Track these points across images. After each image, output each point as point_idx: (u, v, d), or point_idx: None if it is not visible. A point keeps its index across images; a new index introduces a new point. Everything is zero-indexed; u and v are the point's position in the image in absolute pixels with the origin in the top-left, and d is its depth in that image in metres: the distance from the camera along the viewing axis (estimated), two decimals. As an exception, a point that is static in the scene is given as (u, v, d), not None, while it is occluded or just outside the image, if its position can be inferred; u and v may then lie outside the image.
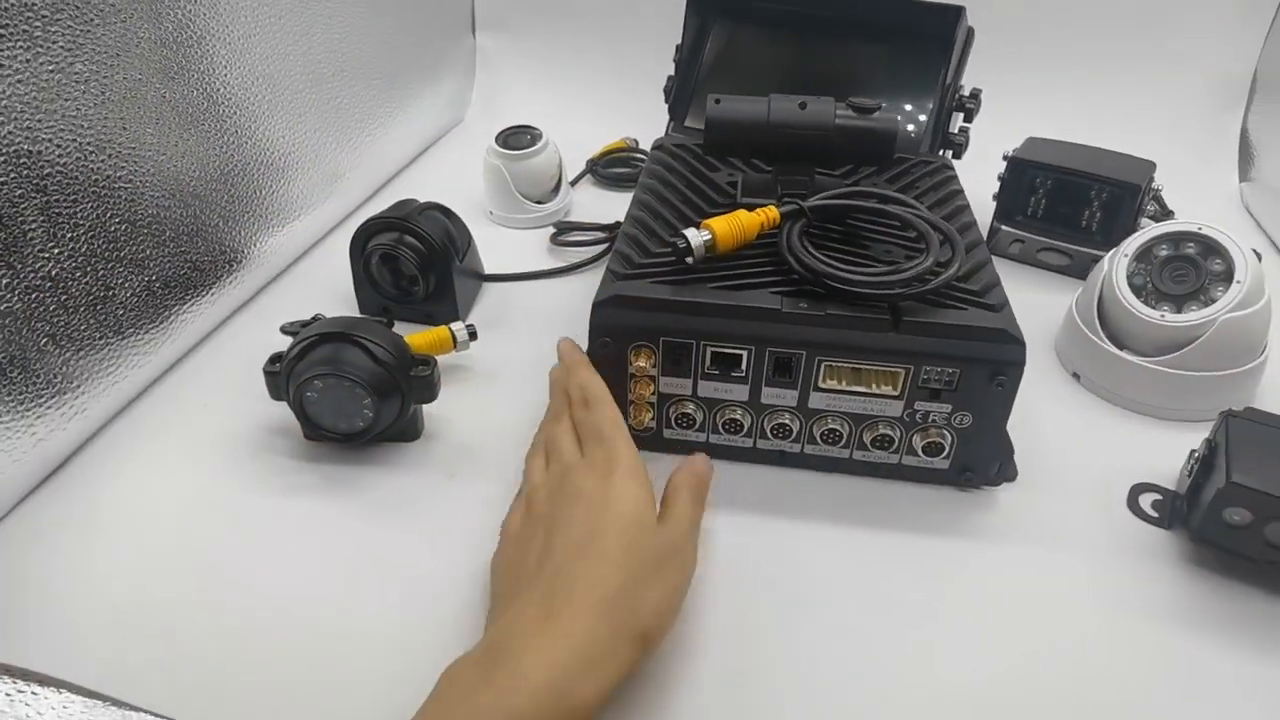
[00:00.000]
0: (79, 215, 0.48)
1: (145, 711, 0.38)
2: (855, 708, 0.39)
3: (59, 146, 0.46)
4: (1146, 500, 0.49)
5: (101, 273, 0.50)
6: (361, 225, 0.60)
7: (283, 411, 0.50)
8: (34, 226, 0.45)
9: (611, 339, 0.47)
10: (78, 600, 0.43)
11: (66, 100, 0.46)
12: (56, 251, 0.47)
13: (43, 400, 0.47)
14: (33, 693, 0.38)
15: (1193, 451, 0.48)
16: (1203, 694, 0.40)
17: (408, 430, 0.52)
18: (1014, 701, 0.39)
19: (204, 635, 0.41)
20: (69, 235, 0.48)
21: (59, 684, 0.39)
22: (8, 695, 0.38)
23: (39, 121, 0.45)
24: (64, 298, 0.48)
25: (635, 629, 0.35)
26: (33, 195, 0.45)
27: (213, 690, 0.39)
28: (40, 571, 0.44)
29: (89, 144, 0.48)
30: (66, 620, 0.42)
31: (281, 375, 0.49)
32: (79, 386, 0.49)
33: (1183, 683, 0.40)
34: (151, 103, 0.53)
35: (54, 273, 0.47)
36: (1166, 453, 0.51)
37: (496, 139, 0.76)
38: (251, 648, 0.41)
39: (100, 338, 0.51)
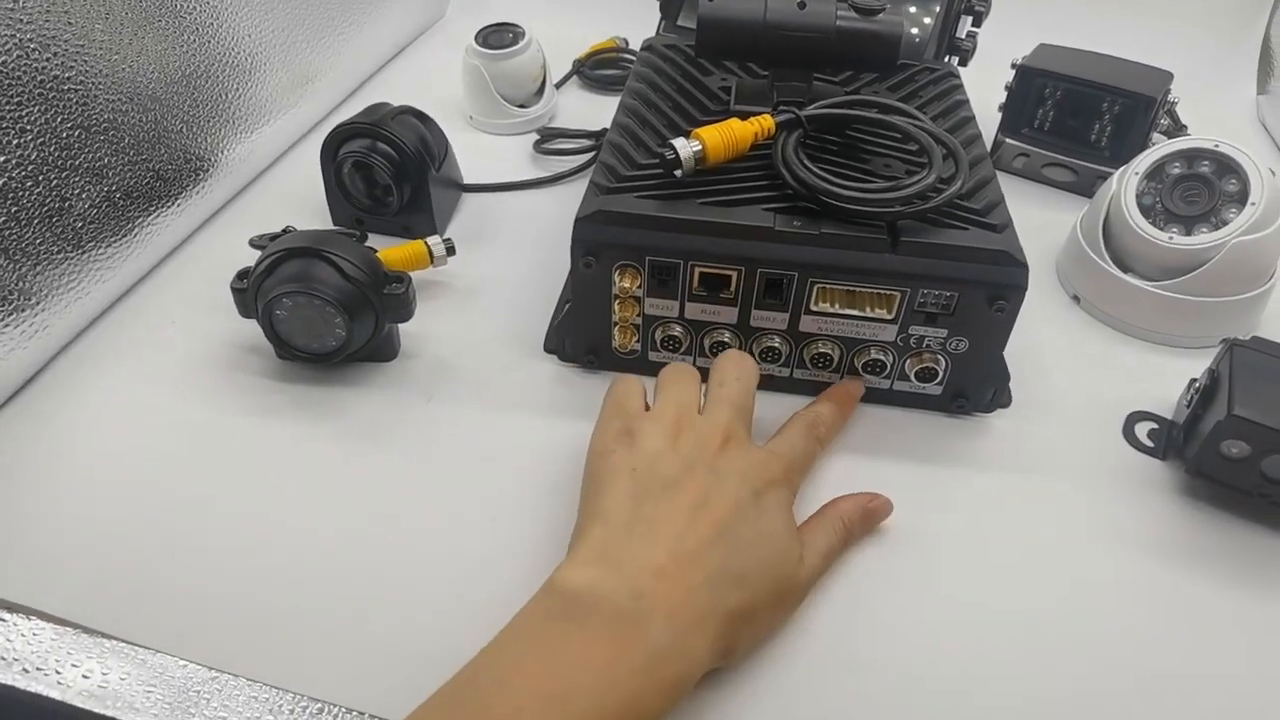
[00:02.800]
0: (25, 120, 0.45)
1: (116, 638, 0.37)
2: (842, 637, 0.38)
3: (-4, 43, 0.43)
4: (1142, 430, 0.48)
5: (55, 182, 0.47)
6: (332, 131, 0.57)
7: (253, 329, 0.48)
8: (-26, 131, 0.42)
9: (595, 257, 0.45)
10: (45, 525, 0.42)
11: (1, -9, 0.43)
12: (2, 160, 0.44)
13: (0, 318, 0.45)
14: (1, 620, 0.38)
15: (1193, 381, 0.46)
16: (1191, 626, 0.39)
17: (383, 350, 0.50)
18: (1002, 630, 0.39)
19: (174, 560, 0.40)
20: (14, 141, 0.45)
21: (27, 610, 0.38)
22: (-24, 621, 0.38)
23: (-29, 15, 0.41)
24: (14, 209, 0.45)
25: (729, 649, 0.35)
26: (-31, 97, 0.42)
27: (184, 615, 0.38)
28: (5, 495, 0.43)
29: (30, 40, 0.45)
30: (34, 546, 0.41)
31: (249, 292, 0.47)
32: (38, 303, 0.47)
33: (1172, 615, 0.40)
34: (99, -5, 0.49)
35: (1, 182, 0.44)
36: (1165, 380, 0.50)
37: (476, 38, 0.72)
38: (223, 572, 0.40)
39: (58, 251, 0.48)
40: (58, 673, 0.36)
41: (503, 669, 0.31)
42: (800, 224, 0.43)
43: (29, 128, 0.45)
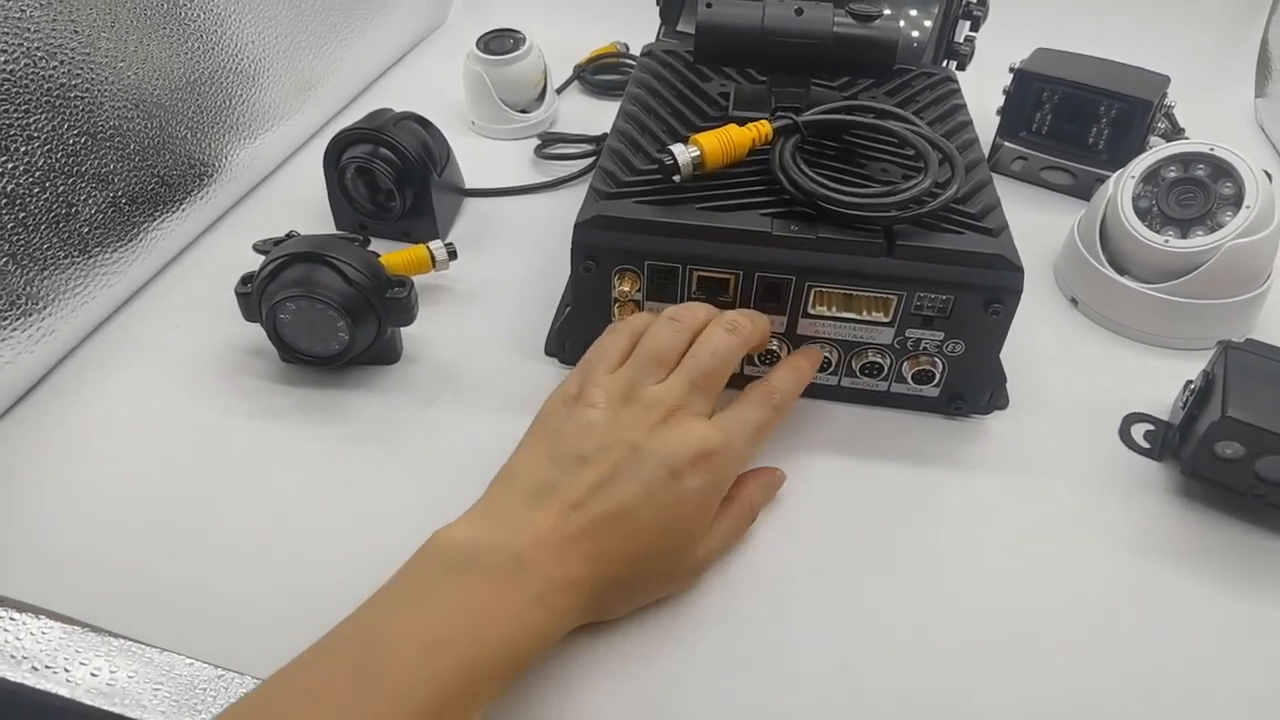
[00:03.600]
0: (32, 127, 0.46)
1: (123, 637, 0.38)
2: (838, 639, 0.39)
3: (4, 51, 0.44)
4: (1139, 431, 0.49)
5: (62, 188, 0.48)
6: (335, 137, 0.58)
7: (258, 333, 0.49)
8: (-17, 139, 0.43)
9: (594, 261, 0.45)
10: (52, 526, 0.42)
11: (8, 1, 0.43)
12: (10, 166, 0.45)
13: (7, 322, 0.45)
14: (10, 619, 0.38)
15: (1188, 382, 0.47)
16: (1187, 626, 0.40)
17: (386, 353, 0.51)
18: (998, 632, 0.39)
19: (180, 560, 0.41)
20: (23, 149, 0.45)
21: (36, 610, 0.39)
22: (-15, 621, 0.38)
23: (-20, 24, 0.42)
24: (22, 215, 0.46)
25: (603, 612, 0.37)
26: (-21, 105, 0.43)
27: (190, 615, 0.39)
28: (13, 497, 0.43)
29: (38, 49, 0.45)
30: (42, 546, 0.41)
31: (253, 296, 0.47)
32: (45, 308, 0.48)
33: (1167, 614, 0.40)
34: (105, 4, 0.50)
35: (9, 188, 0.45)
36: (1161, 382, 0.50)
37: (477, 43, 0.72)
38: (228, 572, 0.40)
39: (65, 256, 0.49)
40: (66, 671, 0.36)
41: (384, 616, 0.32)
42: (797, 228, 0.44)
43: (36, 135, 0.46)
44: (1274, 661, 0.38)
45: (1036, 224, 0.61)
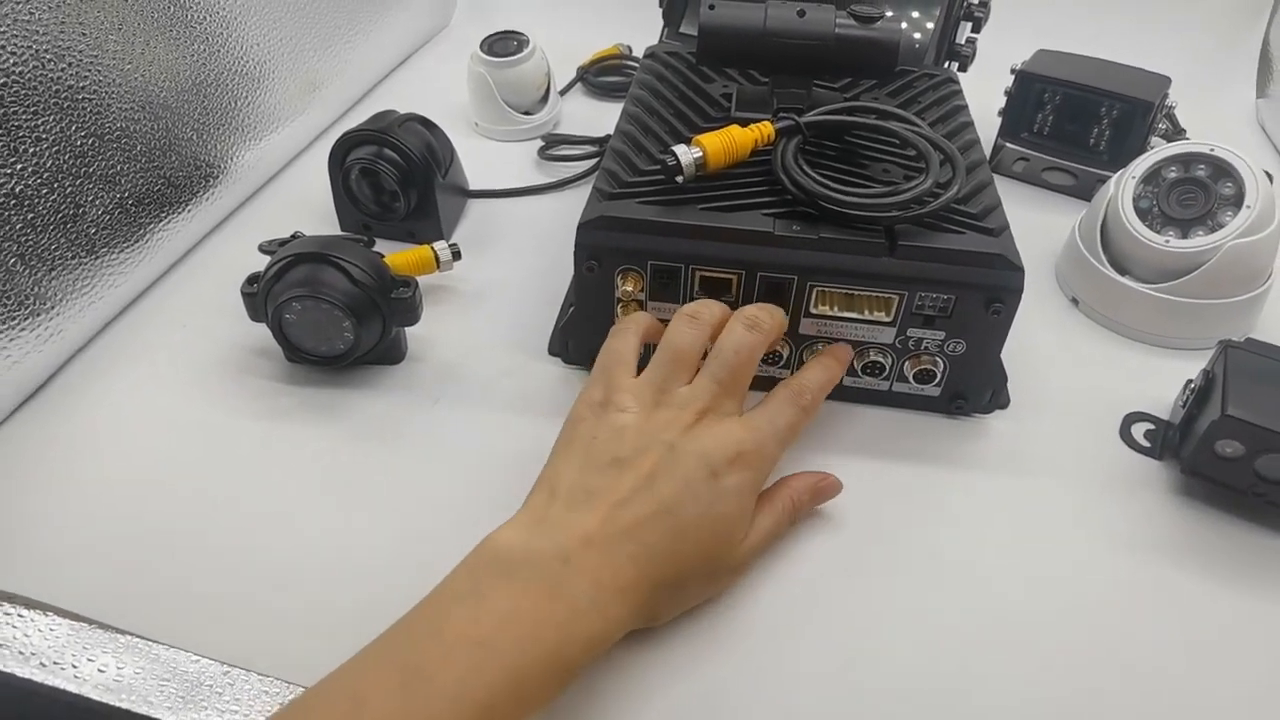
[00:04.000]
0: (41, 128, 0.46)
1: (130, 634, 0.38)
2: (840, 638, 0.39)
3: (13, 54, 0.44)
4: (1139, 430, 0.49)
5: (70, 189, 0.48)
6: (339, 138, 0.58)
7: (263, 333, 0.49)
8: (-8, 140, 0.43)
9: (597, 262, 0.46)
10: (60, 524, 0.43)
11: (17, 2, 0.44)
12: (19, 167, 0.45)
13: (15, 322, 0.46)
14: (19, 615, 0.39)
15: (1188, 382, 0.47)
16: (1186, 625, 0.40)
17: (391, 353, 0.51)
18: (998, 632, 0.39)
19: (186, 558, 0.41)
20: (31, 150, 0.46)
21: (45, 607, 0.39)
22: (-6, 617, 0.39)
23: (-11, 27, 0.42)
24: (30, 216, 0.46)
25: (653, 616, 0.37)
26: (-12, 107, 0.43)
27: (196, 612, 0.39)
28: (22, 495, 0.44)
29: (46, 51, 0.46)
30: (50, 544, 0.42)
31: (259, 296, 0.48)
32: (53, 308, 0.48)
33: (1167, 613, 0.40)
34: (113, 6, 0.50)
35: (18, 189, 0.45)
36: (1162, 381, 0.50)
37: (481, 45, 0.72)
38: (233, 570, 0.41)
39: (73, 257, 0.49)
40: (74, 667, 0.37)
41: (434, 619, 0.32)
42: (799, 228, 0.44)
43: (45, 136, 0.46)
44: (1275, 659, 0.39)
45: (1038, 224, 0.62)
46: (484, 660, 0.30)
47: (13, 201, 0.45)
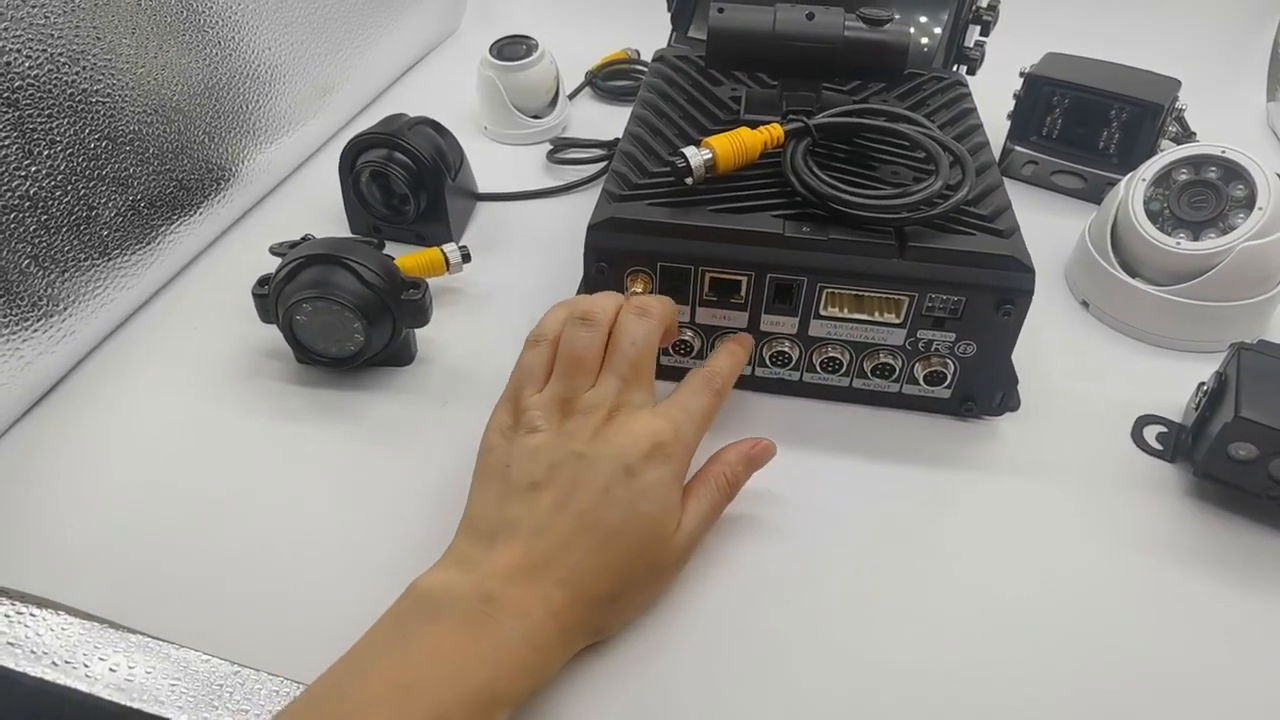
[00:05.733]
0: (55, 131, 0.46)
1: (141, 633, 0.38)
2: (850, 639, 0.39)
3: (29, 57, 0.44)
4: (1151, 433, 0.49)
5: (83, 192, 0.49)
6: (350, 141, 0.58)
7: (274, 334, 0.49)
8: (7, 143, 0.44)
9: (607, 263, 0.46)
10: (71, 523, 0.43)
11: (33, 6, 0.44)
12: (34, 170, 0.45)
13: (28, 323, 0.46)
14: (31, 614, 0.39)
15: (1201, 384, 0.47)
16: (1198, 628, 0.40)
17: (400, 354, 0.51)
18: (1010, 634, 0.39)
19: (197, 559, 0.41)
20: (46, 152, 0.46)
21: (56, 606, 0.39)
22: (6, 617, 0.39)
23: (5, 30, 0.43)
24: (44, 218, 0.46)
25: (602, 626, 0.37)
26: (4, 110, 0.43)
27: (207, 611, 0.39)
28: (34, 495, 0.44)
29: (61, 55, 0.46)
30: (61, 544, 0.42)
31: (270, 298, 0.48)
32: (65, 309, 0.48)
33: (1179, 617, 0.40)
34: (126, 11, 0.51)
35: (32, 192, 0.45)
36: (1173, 384, 0.50)
37: (490, 49, 0.73)
38: (244, 570, 0.41)
39: (85, 259, 0.49)
40: (85, 666, 0.37)
41: (360, 667, 0.32)
42: (809, 230, 0.44)
43: (59, 139, 0.47)
44: (1288, 663, 0.38)
45: (1047, 227, 0.61)
46: (408, 703, 0.30)
47: (27, 203, 0.45)
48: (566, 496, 0.36)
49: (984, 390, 0.48)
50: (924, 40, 0.66)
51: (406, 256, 0.54)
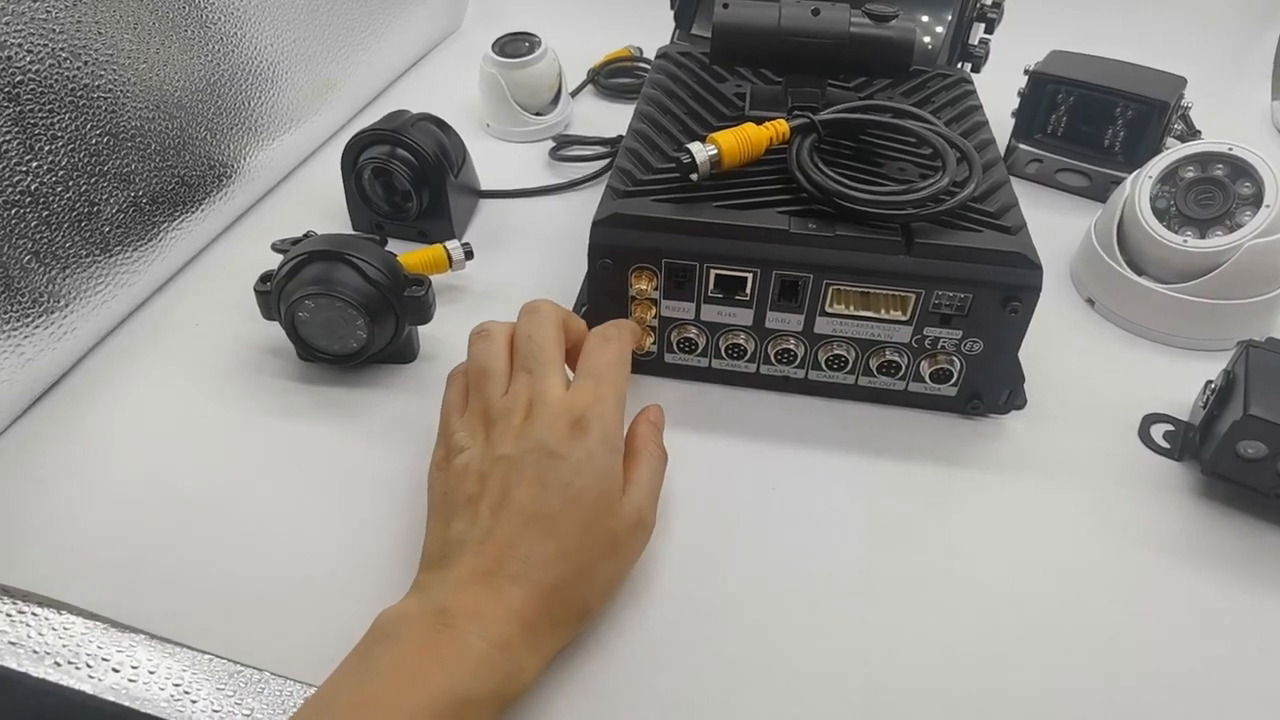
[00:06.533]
0: (56, 127, 0.46)
1: (145, 633, 0.38)
2: (856, 638, 0.39)
3: (30, 52, 0.44)
4: (1158, 431, 0.48)
5: (84, 188, 0.48)
6: (352, 138, 0.58)
7: (276, 331, 0.49)
8: (8, 138, 0.43)
9: (611, 260, 0.46)
10: (72, 521, 0.42)
11: (35, 1, 0.44)
12: (35, 165, 0.45)
13: (29, 319, 0.46)
14: (33, 613, 0.39)
15: (1208, 382, 0.46)
16: (1206, 627, 0.39)
17: (403, 352, 0.51)
18: (1016, 632, 0.39)
19: (198, 557, 0.41)
20: (47, 148, 0.46)
21: (58, 605, 0.39)
22: (8, 616, 0.38)
23: (6, 24, 0.42)
24: (45, 213, 0.46)
25: (581, 609, 0.36)
26: (5, 104, 0.43)
27: (210, 610, 0.39)
28: (35, 493, 0.44)
29: (62, 50, 0.46)
30: (62, 542, 0.42)
31: (272, 295, 0.48)
32: (67, 305, 0.48)
33: (1188, 615, 0.40)
34: (128, 6, 0.50)
35: (33, 187, 0.45)
36: (1180, 383, 0.50)
37: (493, 47, 0.73)
38: (247, 568, 0.40)
39: (87, 255, 0.49)
40: (89, 666, 0.37)
41: (323, 698, 0.32)
42: (815, 227, 0.44)
43: (60, 134, 0.46)
44: (1298, 662, 0.38)
45: (1052, 226, 0.61)
46: (371, 718, 0.30)
47: (28, 199, 0.45)
48: (501, 498, 0.36)
49: (990, 388, 0.47)
50: (926, 39, 0.66)
51: (409, 253, 0.54)
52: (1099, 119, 0.67)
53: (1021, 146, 0.70)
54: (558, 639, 0.35)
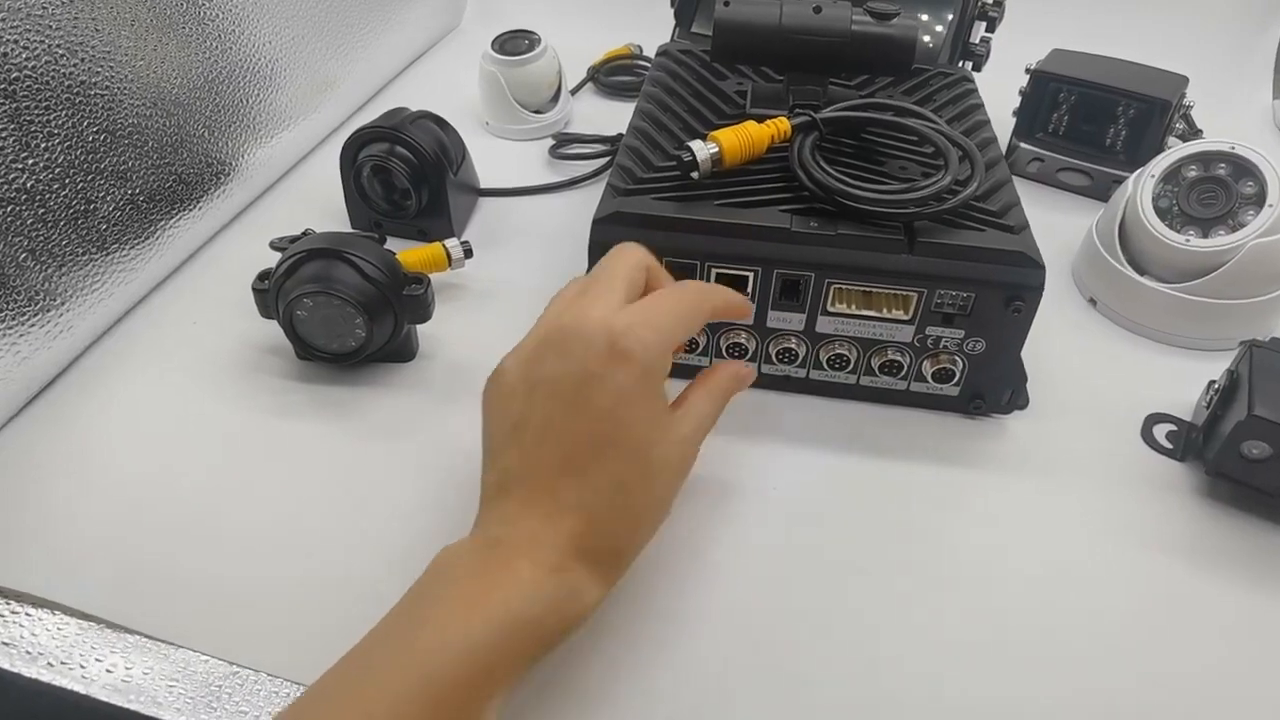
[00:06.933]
0: (53, 123, 0.46)
1: (138, 633, 0.38)
2: (858, 639, 0.38)
3: (26, 48, 0.44)
4: (1161, 431, 0.48)
5: (81, 185, 0.48)
6: (351, 136, 0.58)
7: (274, 330, 0.49)
8: (4, 135, 0.43)
9: (612, 259, 0.45)
10: (67, 521, 0.42)
11: (31, -3, 0.44)
12: (30, 162, 0.45)
13: (25, 317, 0.46)
14: (27, 614, 0.38)
15: (1211, 382, 0.46)
16: (1210, 628, 0.39)
17: (402, 351, 0.51)
18: (1018, 633, 0.39)
19: (195, 556, 0.41)
20: (43, 145, 0.45)
21: (53, 606, 0.39)
22: (1, 616, 0.38)
23: (2, 20, 0.42)
24: (41, 211, 0.46)
25: (630, 536, 0.35)
26: (1, 101, 0.43)
27: (206, 611, 0.38)
28: (31, 492, 0.43)
29: (59, 46, 0.46)
30: (56, 541, 0.41)
31: (270, 293, 0.47)
32: (63, 303, 0.48)
33: (1191, 616, 0.40)
34: (126, 2, 0.50)
35: (29, 184, 0.45)
36: (1183, 383, 0.50)
37: (492, 44, 0.72)
38: (243, 568, 0.40)
39: (83, 253, 0.49)
40: (82, 667, 0.36)
41: (383, 626, 0.32)
42: (817, 225, 0.43)
43: (56, 131, 0.46)
44: (1302, 664, 0.38)
45: (1054, 225, 0.61)
46: (427, 649, 0.30)
47: (24, 196, 0.44)
48: (544, 426, 0.35)
49: (993, 388, 0.47)
50: (927, 38, 0.66)
51: (408, 251, 0.54)
52: (1101, 118, 0.66)
53: (1023, 145, 0.70)
54: (615, 568, 0.35)
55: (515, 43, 0.73)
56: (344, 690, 0.30)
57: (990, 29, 0.68)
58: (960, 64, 0.68)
